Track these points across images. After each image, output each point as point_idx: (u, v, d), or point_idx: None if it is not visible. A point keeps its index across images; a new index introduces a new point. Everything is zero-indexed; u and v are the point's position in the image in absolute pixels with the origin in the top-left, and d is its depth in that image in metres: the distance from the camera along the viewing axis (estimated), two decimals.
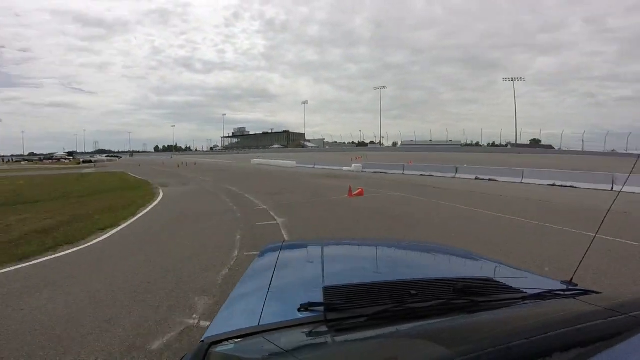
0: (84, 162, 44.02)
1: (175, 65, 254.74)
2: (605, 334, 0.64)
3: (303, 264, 1.50)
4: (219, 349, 0.73)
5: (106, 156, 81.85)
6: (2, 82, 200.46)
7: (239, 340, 0.76)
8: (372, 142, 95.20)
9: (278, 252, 1.49)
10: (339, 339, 0.74)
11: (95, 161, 48.58)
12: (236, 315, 0.98)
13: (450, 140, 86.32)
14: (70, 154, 79.50)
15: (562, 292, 0.99)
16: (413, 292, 0.91)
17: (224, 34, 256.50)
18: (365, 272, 1.37)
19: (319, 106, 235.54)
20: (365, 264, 1.55)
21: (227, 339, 0.76)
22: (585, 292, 1.00)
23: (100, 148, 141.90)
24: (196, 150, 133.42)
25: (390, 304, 0.82)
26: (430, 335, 0.70)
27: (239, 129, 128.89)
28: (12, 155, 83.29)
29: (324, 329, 0.76)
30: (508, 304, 0.90)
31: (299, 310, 0.83)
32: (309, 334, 0.75)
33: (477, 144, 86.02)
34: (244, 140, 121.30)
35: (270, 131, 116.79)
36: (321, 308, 0.81)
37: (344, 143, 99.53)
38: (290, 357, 0.65)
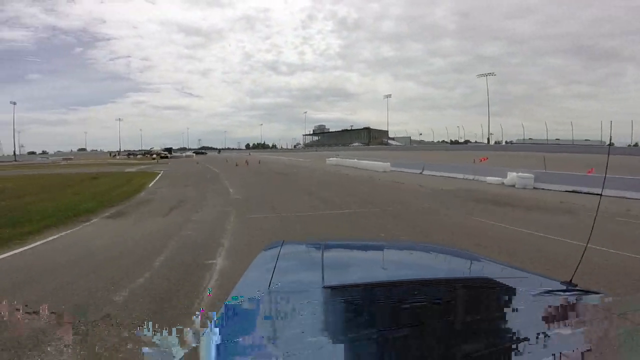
0: (162, 157, 44.82)
1: (265, 69, 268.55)
2: (603, 334, 0.65)
3: (303, 264, 1.49)
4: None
5: (193, 152, 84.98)
6: (131, 88, 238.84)
7: (238, 339, 0.76)
8: (467, 141, 77.96)
9: (278, 251, 1.47)
10: (338, 339, 0.74)
11: (177, 156, 46.96)
12: (236, 315, 0.93)
13: (587, 140, 63.00)
14: (168, 149, 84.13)
15: (562, 293, 1.00)
16: (413, 292, 0.92)
17: (302, 36, 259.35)
18: (366, 272, 1.37)
19: (400, 104, 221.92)
20: (366, 264, 1.54)
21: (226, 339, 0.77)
22: (585, 293, 1.01)
23: (203, 145, 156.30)
24: (281, 148, 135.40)
25: (390, 304, 0.85)
26: (431, 336, 0.71)
27: (319, 126, 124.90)
28: (126, 150, 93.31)
29: (324, 328, 0.76)
30: (508, 304, 0.90)
31: (299, 310, 0.83)
32: (309, 334, 0.74)
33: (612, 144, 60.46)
34: (323, 138, 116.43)
35: (350, 128, 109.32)
36: (321, 308, 0.82)
37: (433, 142, 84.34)
38: (290, 357, 0.66)
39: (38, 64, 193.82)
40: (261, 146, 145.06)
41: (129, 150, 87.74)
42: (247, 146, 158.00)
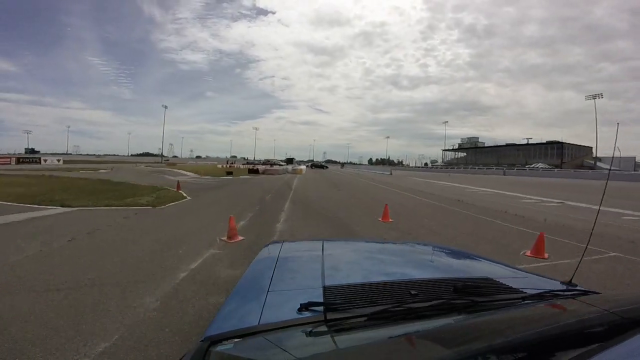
0: (250, 170, 33.33)
1: (385, 84, 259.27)
2: (604, 334, 0.64)
3: (303, 264, 1.46)
4: (219, 348, 0.72)
5: (310, 164, 73.81)
6: (275, 105, 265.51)
7: (238, 339, 0.75)
8: None
9: (278, 251, 1.47)
10: (338, 339, 0.72)
11: (273, 171, 32.40)
12: (236, 315, 0.93)
13: None
14: (289, 160, 75.37)
15: (561, 293, 0.98)
16: (413, 292, 0.90)
17: (423, 48, 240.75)
18: (365, 272, 1.35)
19: (555, 118, 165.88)
20: (365, 264, 1.51)
21: (226, 339, 0.75)
22: (585, 293, 0.99)
23: (328, 158, 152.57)
24: (407, 165, 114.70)
25: (389, 304, 0.82)
26: (430, 335, 0.70)
27: (469, 139, 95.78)
28: (244, 159, 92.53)
29: (323, 328, 0.75)
30: (508, 304, 0.88)
31: (298, 310, 0.82)
32: (309, 334, 0.73)
33: None
34: (474, 155, 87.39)
35: (526, 141, 75.81)
36: (321, 308, 0.80)
37: None
38: (289, 357, 0.65)
39: (212, 82, 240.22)
40: (386, 162, 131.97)
41: (247, 159, 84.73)
42: (370, 161, 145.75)
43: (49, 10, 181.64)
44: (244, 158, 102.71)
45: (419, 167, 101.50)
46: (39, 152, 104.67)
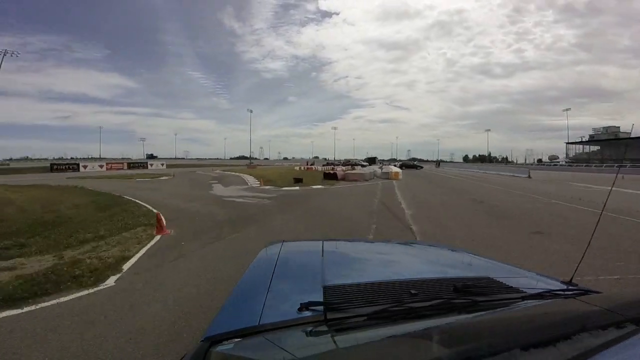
0: (327, 174, 25.04)
1: (473, 74, 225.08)
2: (604, 333, 0.64)
3: (303, 264, 1.45)
4: (219, 348, 0.72)
5: (400, 164, 66.05)
6: (351, 105, 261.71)
7: (239, 339, 0.74)
8: None
9: (278, 251, 1.46)
10: (338, 338, 0.72)
11: (359, 174, 26.80)
12: (236, 315, 0.93)
13: None
14: (371, 159, 70.19)
15: (561, 292, 0.97)
16: (413, 291, 0.89)
17: (514, 32, 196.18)
18: (365, 272, 1.34)
19: None
20: (365, 263, 1.50)
21: (227, 338, 0.74)
22: (585, 292, 0.98)
23: (412, 156, 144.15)
24: (514, 162, 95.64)
25: (389, 303, 0.82)
26: (430, 335, 0.68)
27: (606, 129, 73.02)
28: (325, 159, 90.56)
29: (323, 328, 0.74)
30: (508, 303, 0.88)
31: (299, 309, 0.82)
32: (309, 334, 0.73)
33: None
34: (615, 148, 65.69)
35: None
36: (321, 308, 0.80)
37: None
38: (290, 357, 0.64)
39: (292, 88, 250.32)
40: (486, 159, 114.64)
41: (328, 160, 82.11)
42: (466, 158, 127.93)
43: (150, 30, 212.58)
44: (325, 159, 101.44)
45: (530, 164, 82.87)
46: (156, 157, 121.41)
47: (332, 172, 24.14)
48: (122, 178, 25.04)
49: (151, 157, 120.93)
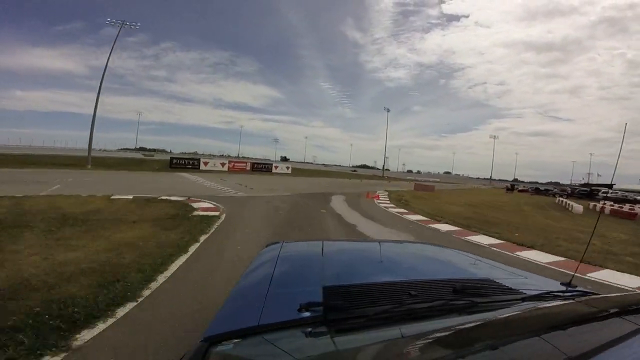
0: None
1: None
2: (603, 335, 0.64)
3: (303, 264, 1.43)
4: (219, 348, 0.71)
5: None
6: (491, 114, 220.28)
7: (238, 339, 0.74)
8: None
9: (278, 251, 1.44)
10: (338, 339, 0.71)
11: None
12: (236, 315, 0.93)
13: None
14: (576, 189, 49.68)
15: (561, 294, 0.97)
16: (413, 292, 0.88)
17: None
18: (365, 273, 1.33)
19: None
20: (365, 264, 1.48)
21: (226, 339, 0.74)
22: (584, 294, 0.99)
23: (555, 180, 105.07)
24: None
25: (389, 304, 0.81)
26: (430, 336, 0.68)
27: None
28: (526, 184, 67.27)
29: (323, 329, 0.74)
30: (507, 304, 0.87)
31: (298, 310, 0.80)
32: (309, 334, 0.73)
33: None
34: None
35: None
36: (321, 308, 0.79)
37: None
38: (289, 357, 0.64)
39: (417, 97, 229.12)
40: None
41: (538, 185, 58.72)
42: None
43: (289, 46, 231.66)
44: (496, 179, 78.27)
45: None
46: (288, 159, 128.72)
47: None
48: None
49: (284, 159, 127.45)
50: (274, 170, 38.55)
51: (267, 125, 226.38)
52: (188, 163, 31.45)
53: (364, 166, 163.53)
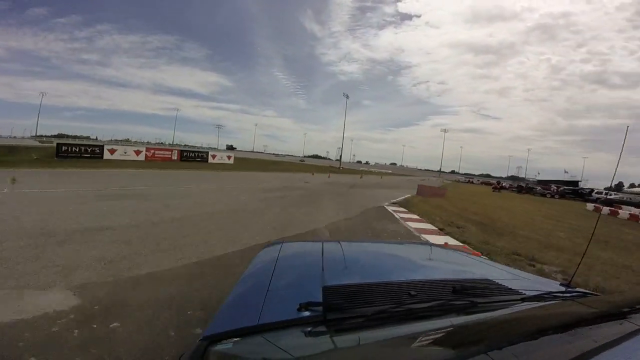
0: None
1: (584, 82, 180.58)
2: (603, 335, 0.63)
3: (303, 264, 1.41)
4: (218, 347, 0.70)
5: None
6: (431, 111, 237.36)
7: (238, 338, 0.73)
8: None
9: (278, 251, 1.43)
10: (337, 338, 0.71)
11: None
12: (235, 314, 0.91)
13: None
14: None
15: (560, 294, 0.97)
16: (412, 292, 0.88)
17: (638, 38, 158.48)
18: (365, 273, 1.31)
19: None
20: (365, 264, 1.48)
21: (226, 338, 0.73)
22: (584, 294, 0.98)
23: (486, 172, 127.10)
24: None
25: (389, 304, 0.80)
26: (429, 336, 0.68)
27: None
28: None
29: (323, 328, 0.73)
30: (507, 305, 0.87)
31: (298, 309, 0.80)
32: (308, 334, 0.72)
33: None
34: None
35: None
36: (320, 308, 0.78)
37: None
38: (288, 356, 0.64)
39: (367, 91, 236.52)
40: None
41: (471, 177, 58.24)
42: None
43: (243, 33, 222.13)
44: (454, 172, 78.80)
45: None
46: (235, 148, 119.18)
47: None
48: None
49: (230, 147, 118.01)
50: (211, 160, 30.92)
51: (215, 114, 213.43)
52: (85, 151, 22.42)
53: (316, 156, 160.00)
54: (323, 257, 1.40)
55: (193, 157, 29.98)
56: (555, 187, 42.53)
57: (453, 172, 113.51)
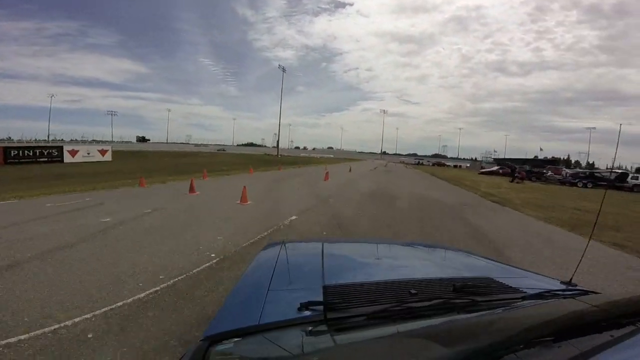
0: None
1: (488, 71, 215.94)
2: (604, 334, 0.63)
3: (303, 263, 1.39)
4: (219, 347, 0.70)
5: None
6: (361, 97, 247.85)
7: (238, 339, 0.73)
8: None
9: (278, 250, 1.41)
10: (338, 338, 0.71)
11: None
12: (236, 314, 0.89)
13: None
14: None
15: (561, 292, 0.95)
16: (413, 291, 0.87)
17: (534, 31, 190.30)
18: (365, 272, 1.30)
19: None
20: (365, 263, 1.45)
21: (226, 338, 0.73)
22: (585, 293, 0.96)
23: (411, 152, 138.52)
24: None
25: (389, 303, 0.80)
26: (430, 335, 0.67)
27: None
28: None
29: (323, 328, 0.73)
30: (507, 303, 0.87)
31: (298, 309, 0.80)
32: (309, 333, 0.72)
33: None
34: None
35: None
36: (321, 307, 0.78)
37: None
38: (289, 356, 0.64)
39: (301, 77, 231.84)
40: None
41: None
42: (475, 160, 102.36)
43: (165, 17, 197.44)
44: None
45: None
46: (148, 140, 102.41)
47: None
48: None
49: (142, 139, 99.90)
50: (70, 159, 20.43)
51: (130, 104, 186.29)
52: None
53: (251, 144, 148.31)
54: (323, 256, 1.38)
55: (32, 157, 19.12)
56: (571, 176, 28.63)
57: (385, 153, 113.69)
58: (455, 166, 58.93)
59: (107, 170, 15.74)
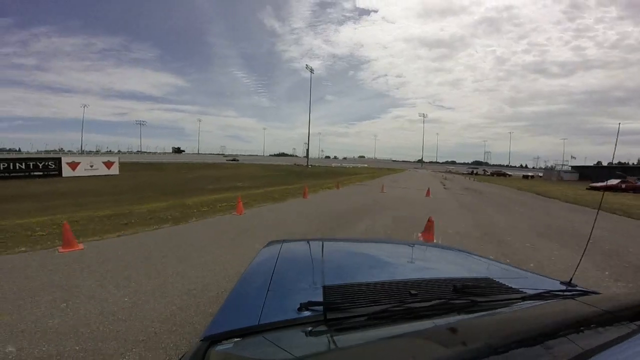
0: None
1: (526, 72, 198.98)
2: (603, 334, 0.63)
3: (303, 263, 1.35)
4: (219, 347, 0.69)
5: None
6: (391, 104, 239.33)
7: (238, 339, 0.72)
8: None
9: (278, 250, 1.39)
10: (338, 338, 0.71)
11: None
12: (236, 314, 0.88)
13: None
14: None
15: (561, 293, 0.95)
16: (413, 292, 0.87)
17: (572, 29, 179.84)
18: (365, 272, 1.27)
19: None
20: (366, 263, 1.42)
21: (226, 338, 0.72)
22: (584, 293, 0.96)
23: (450, 160, 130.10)
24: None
25: (389, 303, 0.79)
26: (430, 335, 0.68)
27: None
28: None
29: (323, 328, 0.72)
30: (507, 304, 0.86)
31: (298, 309, 0.79)
32: (309, 333, 0.71)
33: None
34: None
35: None
36: (321, 307, 0.77)
37: None
38: (289, 356, 0.64)
39: (330, 86, 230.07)
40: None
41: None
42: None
43: (196, 31, 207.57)
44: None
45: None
46: (183, 151, 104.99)
47: None
48: None
49: (178, 150, 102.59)
50: (69, 173, 17.79)
51: (170, 116, 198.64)
52: None
53: (283, 154, 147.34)
54: (323, 256, 1.38)
55: (24, 170, 16.57)
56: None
57: (419, 161, 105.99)
58: (525, 176, 48.15)
59: (94, 188, 12.40)
